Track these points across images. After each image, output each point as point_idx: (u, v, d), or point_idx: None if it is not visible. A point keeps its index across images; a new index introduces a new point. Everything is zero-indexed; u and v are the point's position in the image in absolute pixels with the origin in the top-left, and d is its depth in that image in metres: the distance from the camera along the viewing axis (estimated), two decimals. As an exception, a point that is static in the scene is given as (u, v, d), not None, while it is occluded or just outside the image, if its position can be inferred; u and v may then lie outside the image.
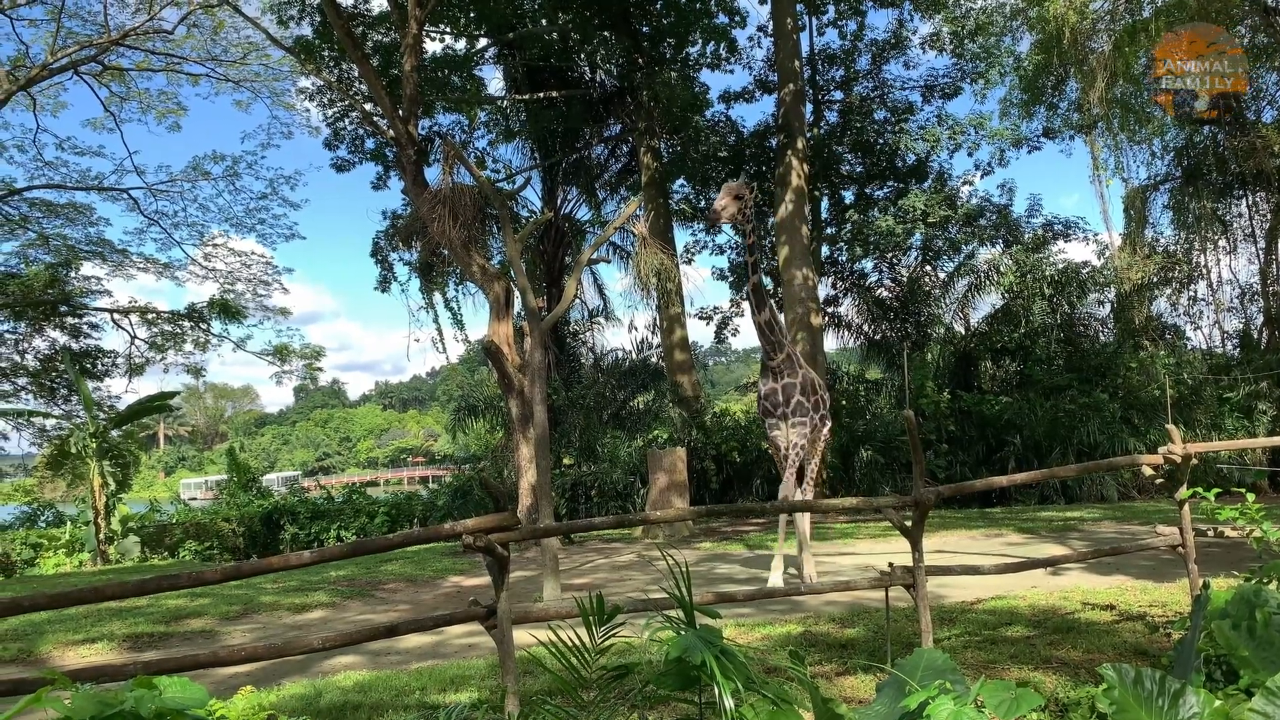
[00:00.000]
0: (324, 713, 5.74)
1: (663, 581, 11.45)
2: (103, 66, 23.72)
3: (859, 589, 6.66)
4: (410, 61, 16.97)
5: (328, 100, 23.99)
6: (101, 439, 21.29)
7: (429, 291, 23.92)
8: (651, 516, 6.02)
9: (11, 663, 8.36)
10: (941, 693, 3.37)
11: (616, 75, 23.25)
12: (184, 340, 28.95)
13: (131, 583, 4.03)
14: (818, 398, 10.39)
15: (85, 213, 26.96)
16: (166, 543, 22.00)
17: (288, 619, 10.18)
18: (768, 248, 26.15)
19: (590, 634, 4.35)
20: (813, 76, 24.90)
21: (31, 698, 2.35)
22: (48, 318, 28.34)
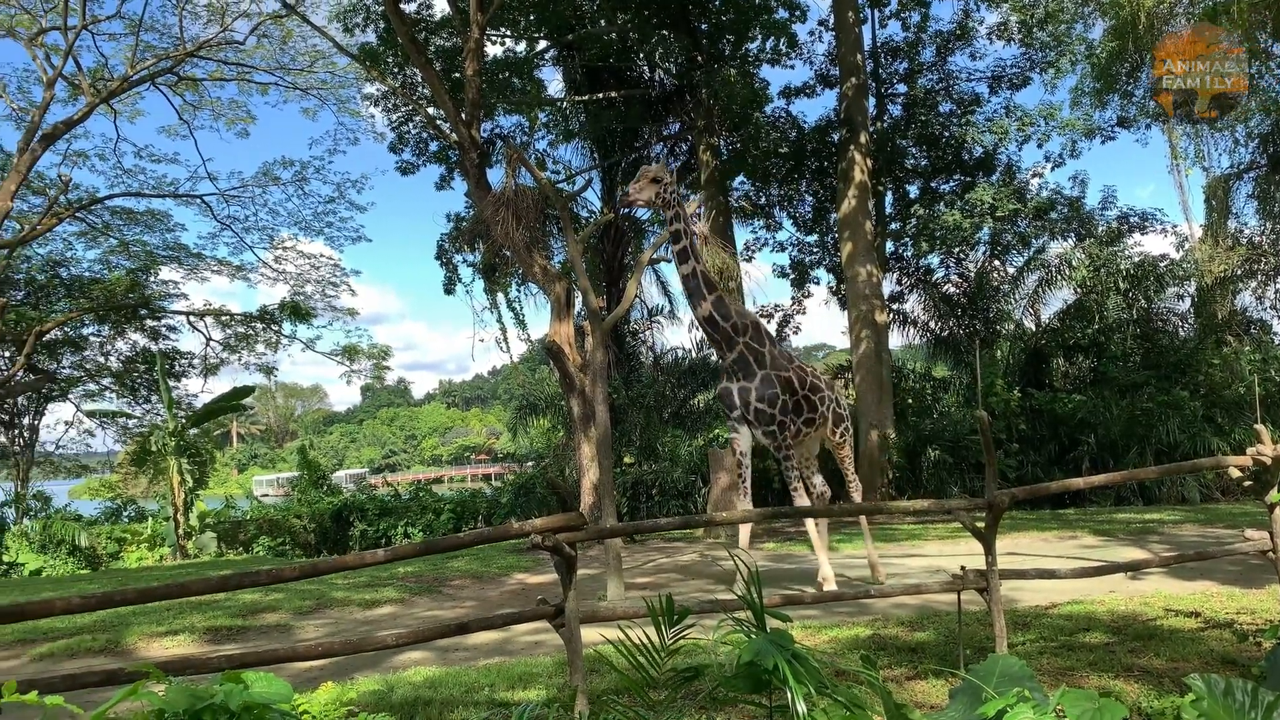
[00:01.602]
0: (396, 708, 5.83)
1: (727, 581, 11.42)
2: (178, 77, 24.47)
3: (929, 592, 6.56)
4: (472, 65, 17.18)
5: (392, 105, 24.39)
6: (180, 437, 22.02)
7: (492, 292, 24.14)
8: (717, 518, 6.00)
9: (100, 653, 8.68)
10: (1020, 700, 3.28)
11: (675, 74, 23.21)
12: (256, 341, 29.80)
13: (214, 579, 4.15)
14: (799, 398, 9.59)
15: (162, 219, 27.91)
16: (241, 538, 22.64)
17: (358, 614, 10.38)
18: (831, 244, 25.91)
19: (660, 635, 4.35)
20: (875, 70, 24.52)
21: (128, 690, 2.43)
22: (129, 321, 29.39)
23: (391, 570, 13.35)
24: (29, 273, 28.39)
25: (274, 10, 23.16)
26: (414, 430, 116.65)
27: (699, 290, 9.27)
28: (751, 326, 9.58)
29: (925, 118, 23.93)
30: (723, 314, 9.37)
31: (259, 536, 22.69)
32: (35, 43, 22.35)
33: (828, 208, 25.33)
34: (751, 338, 9.48)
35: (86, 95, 22.30)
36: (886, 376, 20.43)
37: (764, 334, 9.66)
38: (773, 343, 9.73)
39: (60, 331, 28.13)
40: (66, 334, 29.15)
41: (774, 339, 9.91)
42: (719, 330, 9.37)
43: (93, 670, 4.09)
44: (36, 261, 28.33)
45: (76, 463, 33.78)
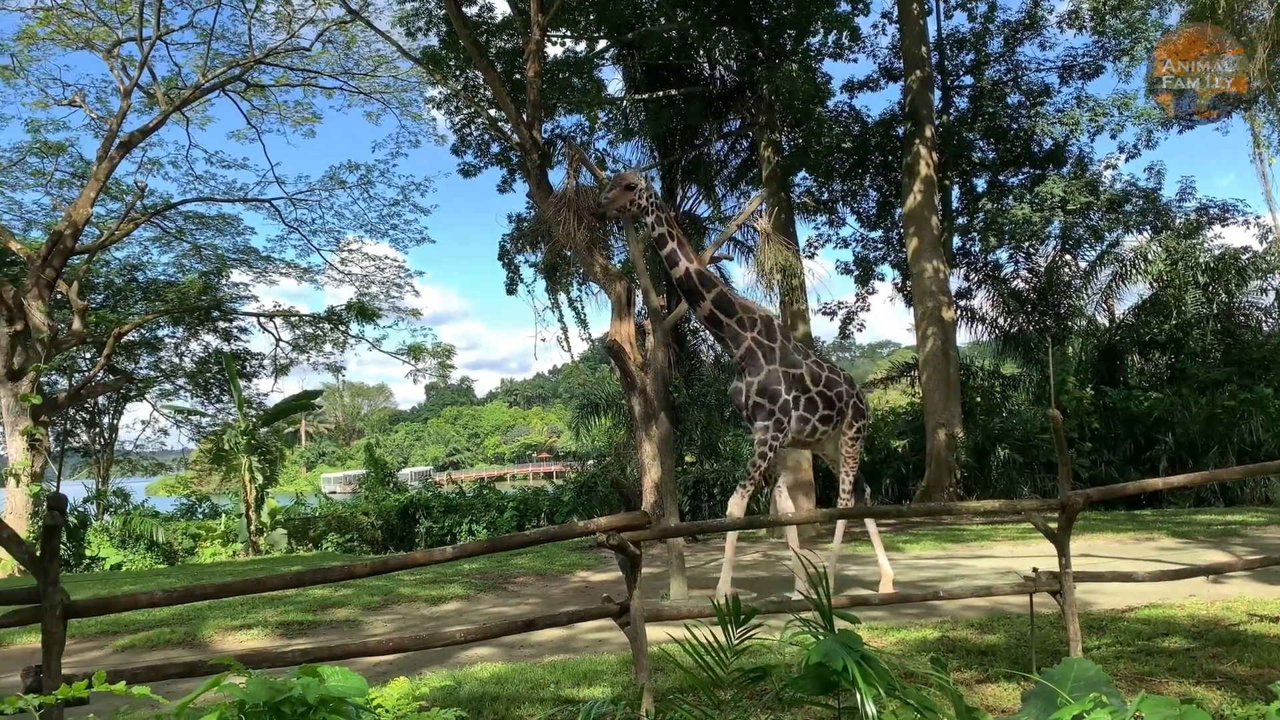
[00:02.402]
0: (464, 703, 5.89)
1: (792, 581, 11.32)
2: (246, 84, 25.11)
3: (1000, 594, 6.44)
4: (533, 67, 17.28)
5: (454, 108, 24.67)
6: (252, 436, 22.58)
7: (554, 292, 24.32)
8: (784, 518, 5.94)
9: (178, 645, 8.94)
10: (1097, 706, 3.18)
11: (736, 70, 23.07)
12: (324, 341, 30.46)
13: (289, 575, 4.24)
14: (812, 395, 9.21)
15: (233, 223, 28.67)
16: (310, 535, 23.15)
17: (425, 610, 10.54)
18: (895, 240, 25.52)
19: (727, 635, 4.33)
20: (941, 62, 24.08)
21: (211, 681, 2.49)
22: (202, 322, 30.30)
23: (457, 567, 13.53)
24: (108, 277, 29.44)
25: (339, 16, 23.61)
26: (477, 429, 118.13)
27: (696, 290, 9.09)
28: (761, 321, 9.31)
29: (993, 110, 23.43)
30: (726, 311, 9.16)
31: (328, 533, 23.18)
32: (112, 54, 23.12)
33: (892, 203, 24.94)
34: (760, 332, 9.21)
35: (160, 104, 23.01)
36: (954, 374, 20.05)
37: (775, 329, 9.37)
38: (786, 337, 9.44)
39: (137, 333, 29.09)
40: (143, 336, 30.16)
41: (787, 334, 9.59)
42: (724, 328, 9.20)
43: (173, 662, 4.21)
44: (115, 266, 29.38)
45: (153, 460, 34.91)
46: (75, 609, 3.85)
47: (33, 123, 24.67)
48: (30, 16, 22.52)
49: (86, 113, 24.59)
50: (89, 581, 15.71)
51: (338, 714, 2.63)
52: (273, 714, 2.53)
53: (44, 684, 3.55)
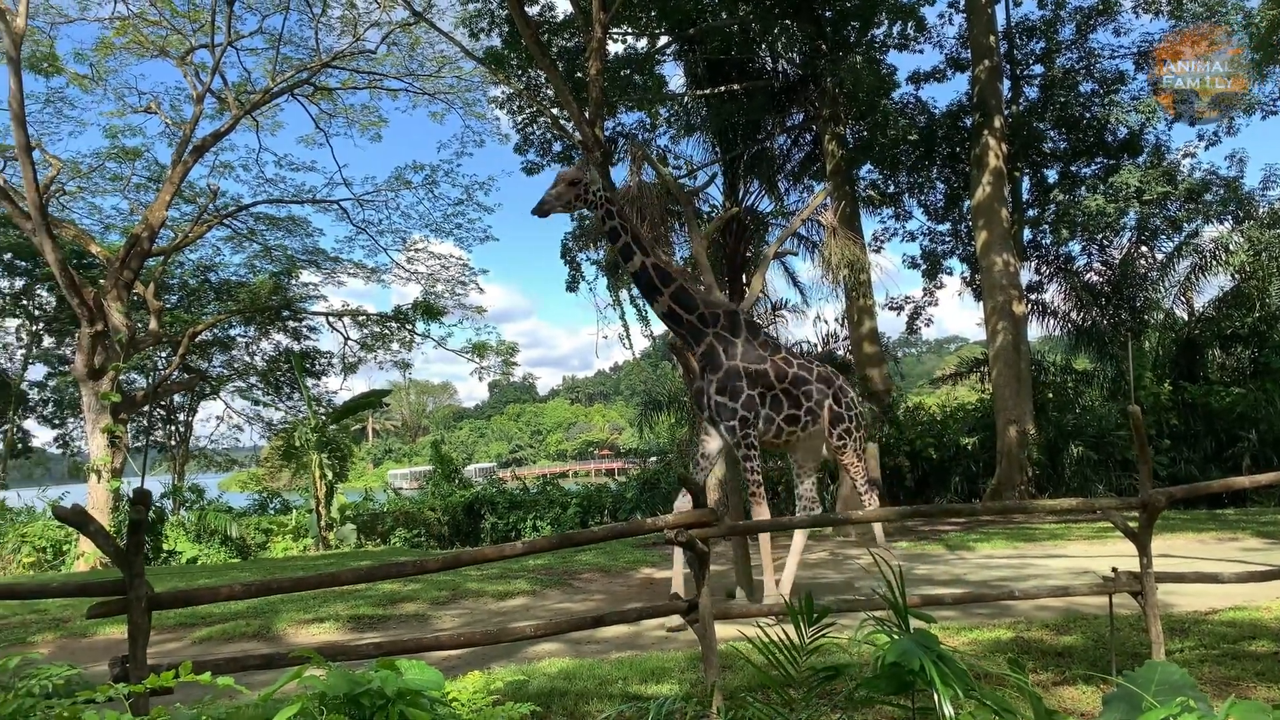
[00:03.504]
0: (532, 698, 5.91)
1: (858, 581, 11.18)
2: (314, 88, 25.63)
3: (1077, 594, 6.29)
4: (595, 65, 17.32)
5: (516, 107, 24.86)
6: (321, 433, 23.05)
7: (615, 289, 24.35)
8: (854, 516, 5.85)
9: (253, 638, 9.15)
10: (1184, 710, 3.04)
11: (799, 63, 22.84)
12: (391, 340, 30.99)
13: (362, 569, 4.29)
14: (777, 393, 8.83)
15: (302, 224, 29.30)
16: (379, 530, 23.55)
17: (491, 605, 10.62)
18: (964, 233, 25.01)
19: (799, 633, 4.29)
20: (1010, 50, 23.53)
21: (293, 673, 2.52)
22: (273, 322, 31.06)
23: (522, 563, 13.63)
24: (182, 278, 30.35)
25: (403, 19, 23.96)
26: (539, 426, 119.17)
27: (652, 285, 8.72)
28: (724, 316, 8.95)
29: (1064, 99, 22.81)
30: (685, 306, 8.81)
31: (395, 528, 23.56)
32: (185, 61, 23.80)
33: (960, 195, 24.46)
34: (723, 328, 8.86)
35: (232, 109, 23.61)
36: (1025, 370, 19.58)
37: (740, 323, 8.99)
38: (754, 332, 9.05)
39: (210, 333, 29.93)
40: (216, 335, 31.03)
41: (756, 328, 9.19)
42: (683, 324, 8.86)
43: (252, 654, 4.30)
44: (188, 267, 30.27)
45: (227, 457, 35.87)
46: (159, 601, 3.95)
47: (111, 129, 25.57)
48: (108, 27, 23.31)
49: (161, 119, 25.41)
50: (166, 575, 16.19)
51: (414, 707, 2.65)
52: (352, 706, 2.56)
53: (130, 673, 3.65)
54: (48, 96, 24.55)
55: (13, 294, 29.42)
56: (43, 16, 22.41)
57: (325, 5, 23.89)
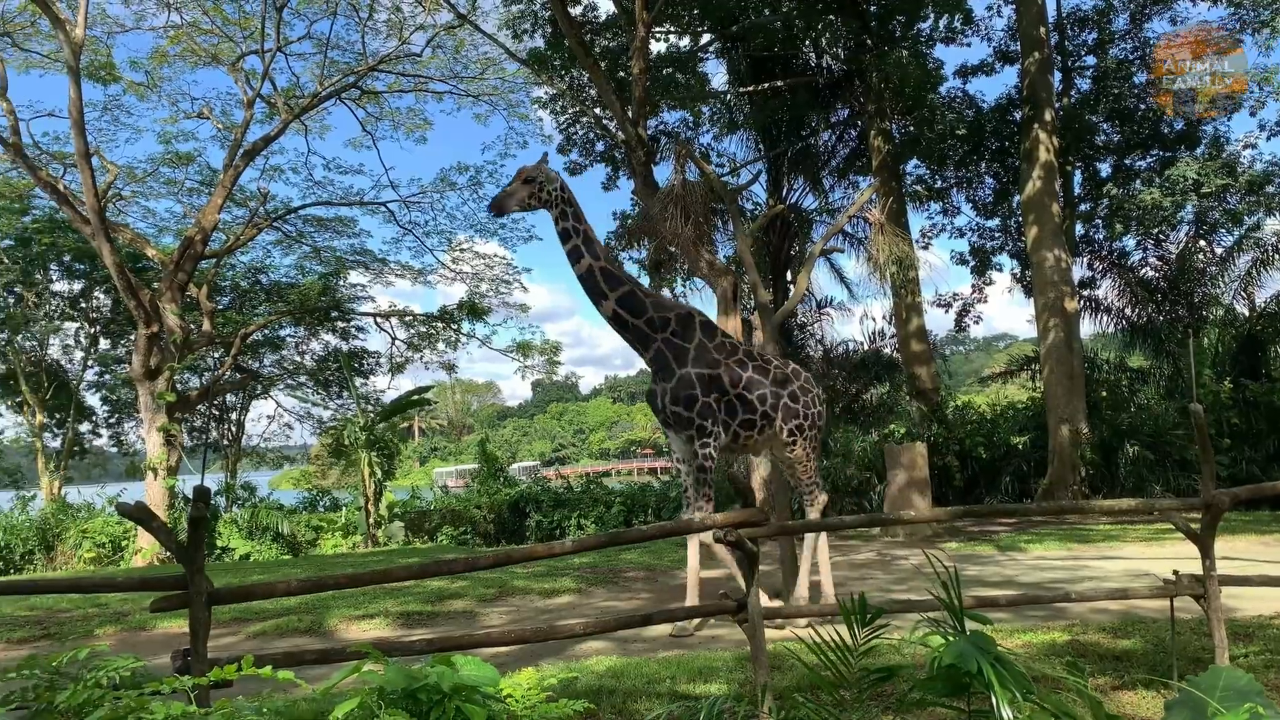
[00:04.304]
0: (581, 695, 5.89)
1: (907, 581, 11.05)
2: (361, 91, 25.96)
3: (1136, 597, 6.15)
4: (638, 64, 17.34)
5: (559, 108, 24.99)
6: (370, 431, 23.34)
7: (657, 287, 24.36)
8: (906, 517, 5.77)
9: (305, 633, 9.29)
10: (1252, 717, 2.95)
11: (843, 58, 22.68)
12: (437, 340, 31.29)
13: (414, 566, 4.33)
14: (730, 398, 8.61)
15: (350, 226, 29.69)
16: (426, 527, 23.78)
17: (538, 603, 10.66)
18: (1014, 228, 24.63)
19: (852, 634, 4.25)
20: (1061, 42, 23.11)
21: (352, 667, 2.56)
22: (322, 322, 31.54)
23: (568, 561, 13.67)
24: (234, 279, 30.94)
25: (447, 21, 24.16)
26: (582, 424, 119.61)
27: (598, 289, 8.53)
28: (675, 320, 8.69)
29: (1118, 90, 22.33)
30: (632, 310, 8.58)
31: (442, 526, 23.76)
32: (236, 68, 24.24)
33: (1010, 190, 24.09)
34: (673, 333, 8.62)
35: (281, 113, 24.00)
36: (1078, 367, 19.21)
37: (693, 326, 8.75)
38: (708, 335, 8.80)
39: (261, 333, 30.45)
40: (267, 336, 31.57)
41: (712, 330, 8.94)
42: (629, 329, 8.62)
43: (308, 649, 4.36)
44: (240, 269, 30.84)
45: (278, 454, 36.50)
46: (218, 596, 4.02)
47: (165, 135, 26.14)
48: (162, 35, 23.85)
49: (213, 124, 25.89)
50: (220, 570, 16.49)
51: (470, 703, 2.66)
52: (409, 700, 2.58)
53: (192, 666, 3.71)
54: (105, 104, 25.16)
55: (71, 297, 30.23)
56: (100, 26, 22.98)
57: (372, 10, 24.19)
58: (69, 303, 30.19)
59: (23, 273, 28.02)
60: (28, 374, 28.58)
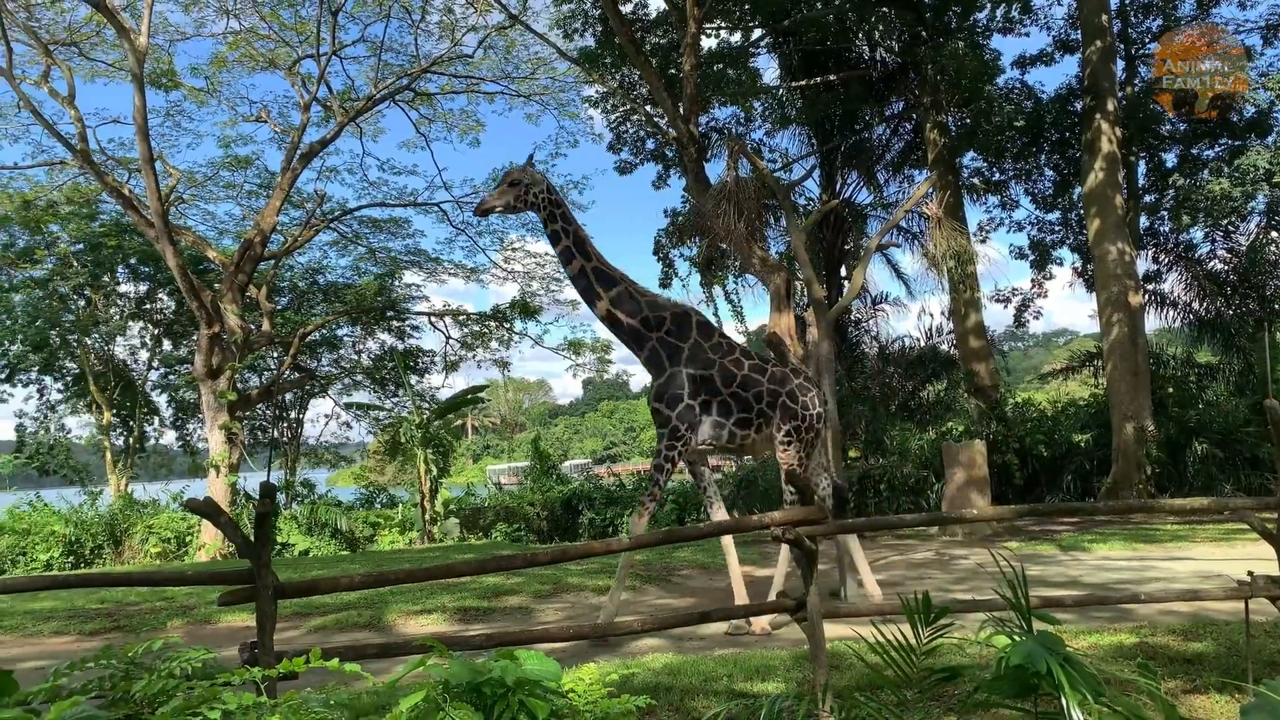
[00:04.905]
0: (638, 692, 5.91)
1: (967, 581, 10.87)
2: (414, 93, 26.28)
3: (1208, 598, 5.99)
4: (689, 61, 17.30)
5: (610, 106, 25.02)
6: (425, 429, 23.64)
7: (708, 285, 24.32)
8: (968, 516, 5.66)
9: (365, 628, 9.42)
10: (1332, 723, 2.85)
11: (897, 51, 22.37)
12: (490, 338, 31.59)
13: (475, 561, 4.35)
14: (724, 398, 8.47)
15: (404, 226, 30.08)
16: (480, 524, 24.01)
17: (592, 600, 10.69)
18: (1075, 221, 24.09)
19: (916, 633, 4.20)
20: (1124, 29, 22.50)
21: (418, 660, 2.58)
22: (377, 322, 32.02)
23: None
24: (292, 280, 31.54)
25: (499, 22, 24.36)
26: (633, 422, 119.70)
27: (591, 289, 8.56)
28: (671, 319, 8.66)
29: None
30: (628, 310, 8.55)
31: (496, 523, 23.97)
32: (293, 72, 24.73)
33: (1071, 182, 23.54)
34: (668, 332, 8.57)
35: (337, 116, 24.41)
36: (1142, 364, 18.71)
37: (690, 326, 8.65)
38: (704, 335, 8.70)
39: (319, 333, 31.01)
40: (324, 335, 32.13)
41: (708, 330, 8.83)
42: (624, 329, 8.59)
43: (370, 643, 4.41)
44: (298, 270, 31.44)
45: (336, 453, 37.12)
46: (284, 590, 4.08)
47: (224, 139, 26.74)
48: (221, 42, 24.41)
49: (271, 127, 26.43)
50: (281, 566, 16.82)
51: (533, 697, 2.66)
52: (473, 694, 2.59)
53: (259, 659, 3.78)
54: (167, 110, 25.83)
55: (137, 299, 31.08)
56: (162, 34, 23.62)
57: (424, 12, 24.48)
58: (135, 304, 31.06)
59: (91, 275, 28.90)
60: (96, 374, 29.45)
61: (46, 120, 20.60)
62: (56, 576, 4.20)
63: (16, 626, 9.92)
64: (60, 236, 28.23)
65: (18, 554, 20.44)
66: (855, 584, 9.85)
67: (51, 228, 27.81)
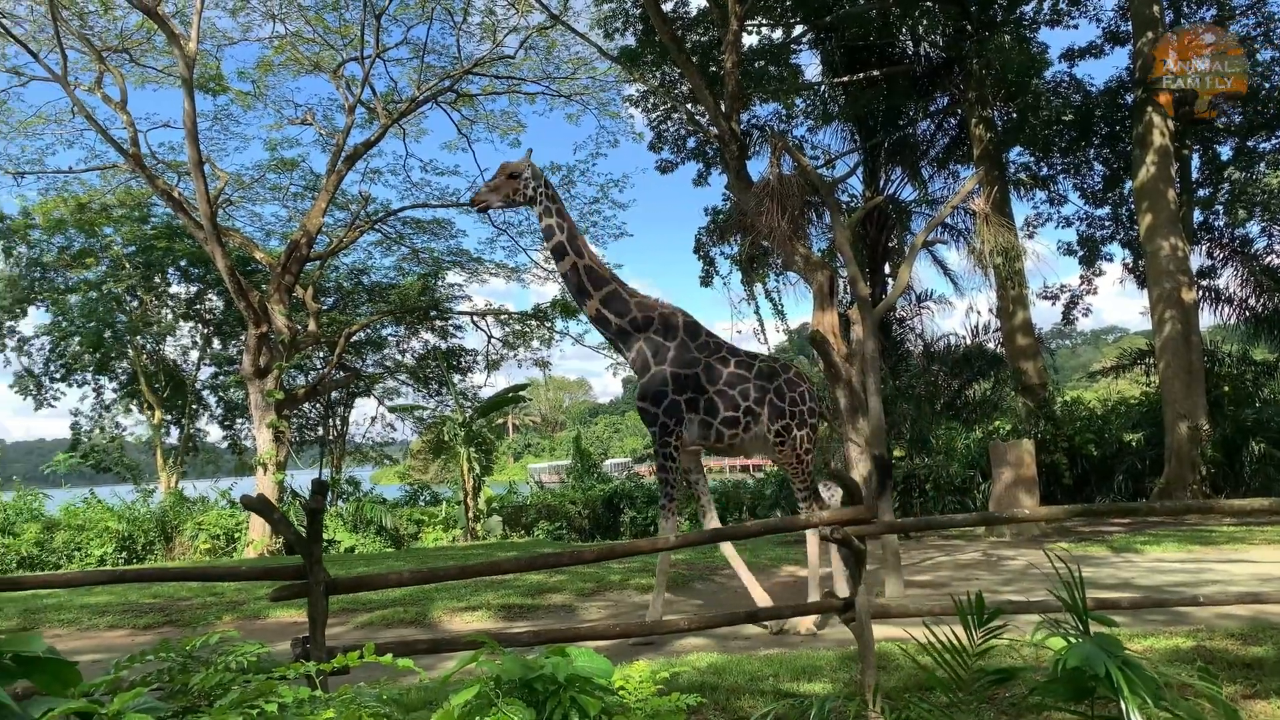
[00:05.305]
0: (683, 691, 5.89)
1: (1015, 582, 10.70)
2: (456, 95, 26.46)
3: (1269, 601, 5.85)
4: (731, 58, 17.19)
5: (650, 105, 25.00)
6: (468, 428, 23.82)
7: (750, 283, 24.19)
8: (1020, 515, 5.57)
9: (411, 624, 9.51)
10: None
11: (942, 45, 22.09)
12: (531, 337, 31.74)
13: (522, 558, 4.36)
14: (708, 397, 8.36)
15: (447, 227, 30.31)
16: (523, 522, 24.13)
17: (634, 598, 10.69)
18: (1125, 216, 23.61)
19: (969, 634, 4.15)
20: (1176, 20, 22.01)
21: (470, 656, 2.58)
22: (421, 321, 32.31)
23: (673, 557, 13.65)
24: (337, 281, 31.95)
25: (540, 22, 24.44)
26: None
27: (583, 288, 8.55)
28: (659, 319, 8.62)
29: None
30: (617, 310, 8.53)
31: (538, 521, 24.08)
32: (337, 75, 25.01)
33: (1121, 176, 23.09)
34: (655, 332, 8.54)
35: (380, 118, 24.66)
36: (1196, 361, 18.27)
37: (678, 326, 8.63)
38: (691, 334, 8.63)
39: (364, 333, 31.37)
40: (369, 335, 32.50)
41: (695, 329, 8.74)
42: (612, 329, 8.59)
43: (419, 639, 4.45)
44: (343, 270, 31.83)
45: (380, 451, 37.55)
46: (336, 586, 4.12)
47: (270, 142, 27.15)
48: (267, 46, 24.77)
49: (316, 130, 26.76)
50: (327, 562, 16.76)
51: (585, 694, 2.66)
52: (525, 690, 2.59)
53: (311, 654, 3.82)
54: (215, 114, 26.27)
55: (188, 299, 31.71)
56: (210, 40, 24.01)
57: (465, 14, 24.63)
58: (185, 305, 31.68)
59: (143, 277, 29.54)
60: (147, 374, 30.09)
61: (100, 125, 21.03)
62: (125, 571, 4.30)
63: (73, 620, 10.16)
64: (114, 239, 28.91)
65: (73, 549, 20.93)
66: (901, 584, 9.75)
67: (105, 230, 28.49)
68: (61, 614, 10.37)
